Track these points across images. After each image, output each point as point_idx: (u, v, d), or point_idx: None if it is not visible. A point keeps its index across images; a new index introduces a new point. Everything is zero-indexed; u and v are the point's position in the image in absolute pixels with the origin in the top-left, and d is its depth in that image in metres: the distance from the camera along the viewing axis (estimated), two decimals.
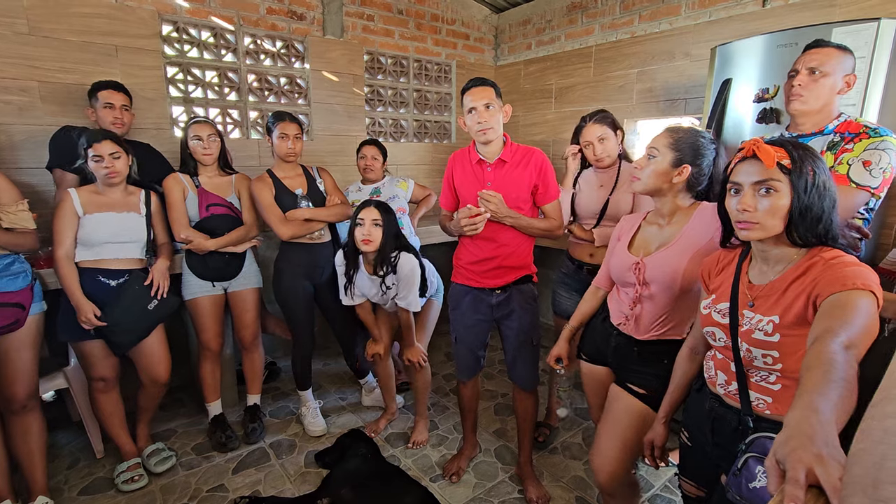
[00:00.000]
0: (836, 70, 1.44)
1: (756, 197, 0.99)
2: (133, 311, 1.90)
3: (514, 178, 1.75)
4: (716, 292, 1.14)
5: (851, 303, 0.85)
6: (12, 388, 1.75)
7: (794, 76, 1.49)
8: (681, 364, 1.30)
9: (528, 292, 1.88)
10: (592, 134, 1.94)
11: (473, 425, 2.17)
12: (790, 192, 0.96)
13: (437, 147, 3.85)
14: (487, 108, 1.67)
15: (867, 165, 1.38)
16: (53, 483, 2.00)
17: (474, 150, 1.80)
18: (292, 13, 3.00)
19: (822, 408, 0.65)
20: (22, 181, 2.27)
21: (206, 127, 2.14)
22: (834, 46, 1.46)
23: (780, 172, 0.96)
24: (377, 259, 2.02)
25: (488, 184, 1.76)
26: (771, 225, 0.98)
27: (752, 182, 0.99)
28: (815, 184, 0.96)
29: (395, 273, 2.04)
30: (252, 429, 2.35)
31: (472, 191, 1.78)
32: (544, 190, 1.77)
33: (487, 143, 1.73)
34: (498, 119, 1.70)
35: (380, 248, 1.98)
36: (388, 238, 1.98)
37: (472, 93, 1.68)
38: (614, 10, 3.09)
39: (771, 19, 2.37)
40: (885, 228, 2.09)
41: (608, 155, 1.95)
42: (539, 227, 1.79)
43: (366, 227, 1.96)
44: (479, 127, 1.68)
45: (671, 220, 1.39)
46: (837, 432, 0.63)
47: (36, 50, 2.28)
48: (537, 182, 1.76)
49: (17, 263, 1.75)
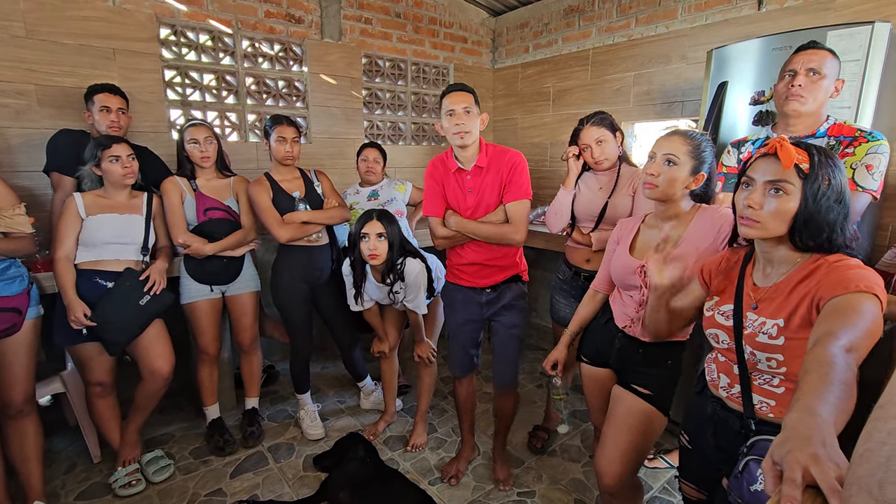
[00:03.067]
0: (830, 73, 1.45)
1: (765, 195, 0.97)
2: (124, 307, 1.89)
3: (490, 182, 1.78)
4: (719, 294, 1.14)
5: (853, 306, 0.84)
6: (9, 392, 1.74)
7: (792, 76, 1.48)
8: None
9: (516, 290, 1.91)
10: (590, 136, 1.92)
11: (471, 426, 2.16)
12: (800, 196, 0.95)
13: (434, 150, 3.85)
14: (466, 112, 1.69)
15: (869, 169, 1.39)
16: (50, 488, 1.99)
17: (451, 157, 1.81)
18: (290, 16, 3.00)
19: (820, 410, 0.65)
20: (19, 184, 2.26)
21: (202, 130, 2.14)
22: (827, 50, 1.47)
23: (795, 175, 0.95)
24: (385, 269, 2.03)
25: (469, 191, 1.79)
26: (773, 227, 0.97)
27: (766, 180, 0.98)
28: (828, 193, 0.94)
29: (403, 280, 2.05)
30: (250, 432, 2.34)
31: (454, 199, 1.82)
32: (510, 187, 1.76)
33: (464, 146, 1.74)
34: (475, 124, 1.72)
35: (387, 259, 1.99)
36: (393, 248, 1.99)
37: (452, 97, 1.70)
38: (611, 14, 3.11)
39: (766, 23, 2.39)
40: (882, 230, 2.11)
41: (606, 158, 1.93)
42: (495, 233, 1.76)
43: (371, 241, 1.95)
44: (455, 129, 1.70)
45: (673, 223, 1.39)
46: (836, 434, 0.63)
47: (33, 53, 2.27)
48: (505, 180, 1.76)
49: (14, 268, 1.74)
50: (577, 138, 1.98)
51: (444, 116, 1.72)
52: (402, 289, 2.08)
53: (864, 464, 0.43)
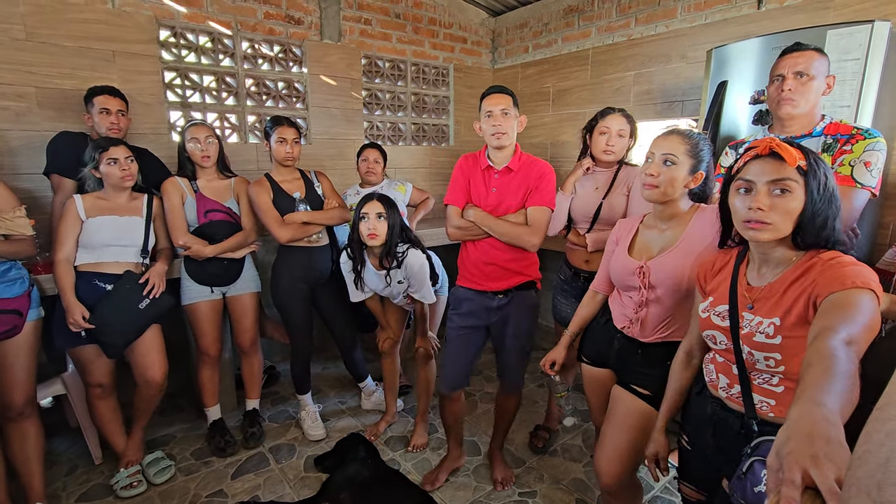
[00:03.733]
0: (819, 72, 1.46)
1: (770, 196, 0.97)
2: (123, 310, 1.89)
3: (516, 186, 1.78)
4: (713, 295, 1.14)
5: (851, 301, 0.85)
6: (10, 394, 1.74)
7: (781, 80, 1.49)
8: (676, 370, 1.29)
9: (529, 299, 1.88)
10: (616, 124, 1.92)
11: (459, 439, 2.12)
12: (804, 194, 0.95)
13: (435, 150, 3.85)
14: (504, 114, 1.70)
15: (868, 166, 1.40)
16: (51, 490, 1.99)
17: (484, 156, 1.82)
18: (290, 18, 3.00)
19: (825, 400, 0.64)
20: (19, 187, 2.26)
21: (203, 129, 2.14)
22: (812, 49, 1.47)
23: (797, 173, 0.95)
24: (383, 252, 2.01)
25: (493, 189, 1.79)
26: (783, 227, 0.97)
27: (767, 181, 0.97)
28: (827, 188, 0.96)
29: (401, 267, 2.03)
30: (251, 433, 2.34)
31: (477, 194, 1.82)
32: (535, 193, 1.77)
33: (500, 148, 1.76)
34: (513, 126, 1.73)
35: (385, 240, 1.98)
36: (393, 231, 1.98)
37: (491, 98, 1.72)
38: (611, 14, 3.11)
39: (766, 22, 2.39)
40: (882, 228, 2.10)
41: (615, 152, 1.93)
42: (512, 232, 1.75)
43: (370, 220, 1.95)
44: (493, 130, 1.71)
45: (671, 223, 1.39)
46: (843, 423, 0.62)
47: (33, 56, 2.27)
48: (531, 186, 1.77)
49: (15, 270, 1.74)
50: (595, 123, 1.97)
51: (483, 118, 1.74)
52: (402, 279, 2.07)
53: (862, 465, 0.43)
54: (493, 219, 1.77)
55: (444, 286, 2.40)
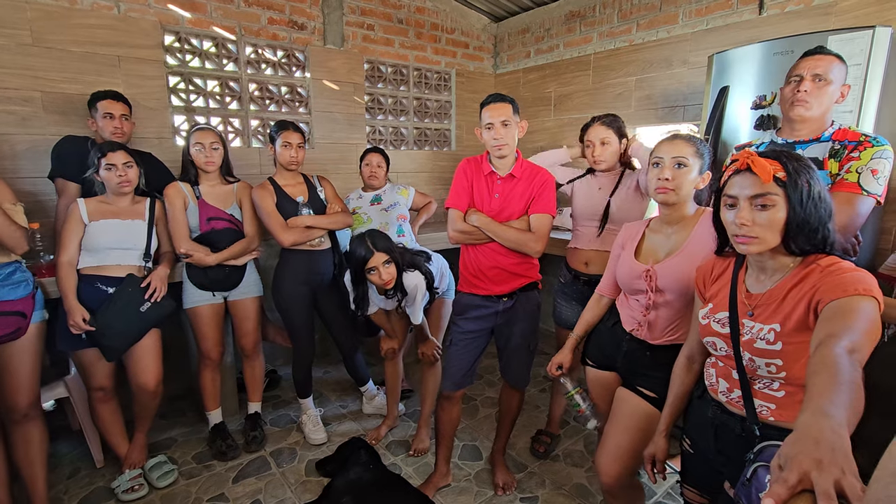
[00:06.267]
0: (836, 79, 1.46)
1: (753, 211, 0.98)
2: (124, 313, 1.89)
3: (519, 193, 1.80)
4: (713, 301, 1.15)
5: (853, 308, 0.85)
6: (14, 396, 1.75)
7: (798, 81, 1.48)
8: (678, 374, 1.29)
9: (533, 300, 1.91)
10: (596, 135, 1.96)
11: (448, 453, 2.09)
12: (786, 205, 0.96)
13: (437, 154, 3.86)
14: (504, 125, 1.71)
15: (875, 174, 1.40)
16: (53, 493, 1.99)
17: (486, 161, 1.83)
18: (293, 23, 3.03)
19: (833, 412, 0.65)
20: (24, 190, 2.28)
21: (209, 135, 2.14)
22: (834, 55, 1.47)
23: (776, 186, 0.96)
24: (393, 288, 2.04)
25: (496, 195, 1.80)
26: (770, 239, 0.98)
27: (748, 196, 0.98)
28: (811, 195, 0.96)
29: (406, 294, 2.07)
30: (252, 437, 2.34)
31: (480, 199, 1.84)
32: (538, 200, 1.79)
33: (502, 157, 1.78)
34: (513, 135, 1.75)
35: (397, 278, 2.01)
36: (399, 266, 2.00)
37: (490, 108, 1.72)
38: (612, 19, 3.12)
39: (767, 27, 2.40)
40: (885, 234, 2.10)
41: (604, 160, 1.96)
42: (516, 238, 1.77)
43: (380, 272, 1.95)
44: (494, 143, 1.73)
45: (677, 227, 1.40)
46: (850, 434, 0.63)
47: (39, 61, 2.29)
48: (534, 194, 1.79)
49: (19, 272, 1.75)
50: (584, 134, 2.02)
51: (483, 128, 1.75)
52: (406, 301, 2.11)
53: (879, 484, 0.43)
54: (498, 225, 1.79)
55: (451, 289, 2.40)
